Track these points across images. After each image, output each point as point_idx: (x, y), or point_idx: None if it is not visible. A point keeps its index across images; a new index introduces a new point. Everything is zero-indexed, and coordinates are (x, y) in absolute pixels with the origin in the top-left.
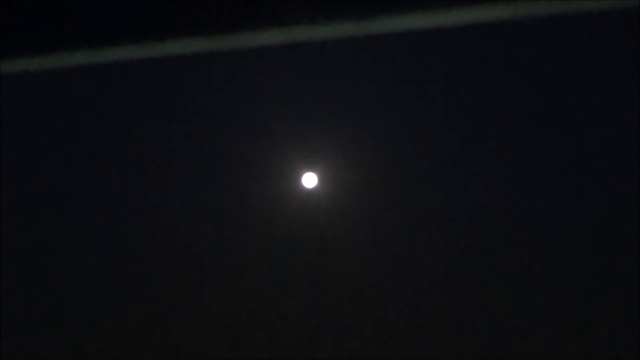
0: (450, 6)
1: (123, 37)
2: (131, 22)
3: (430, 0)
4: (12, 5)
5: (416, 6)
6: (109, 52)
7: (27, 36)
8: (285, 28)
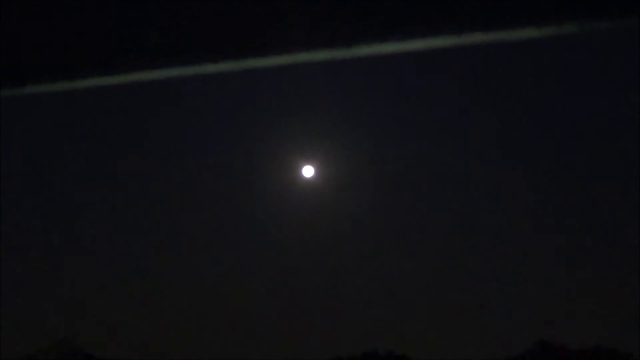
0: (415, 34)
1: (158, 60)
2: (162, 46)
3: (406, 30)
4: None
5: (394, 36)
6: (150, 73)
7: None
8: (289, 54)
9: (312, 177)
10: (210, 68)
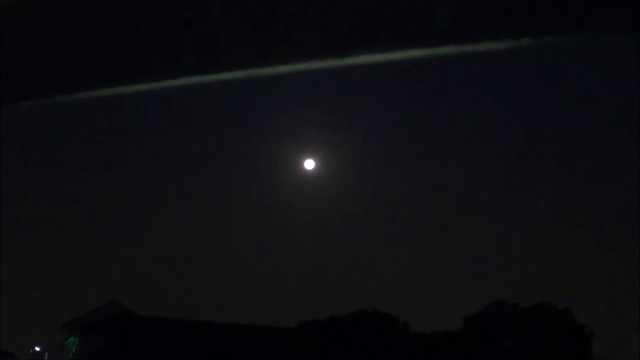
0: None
1: (187, 69)
2: (190, 56)
3: (390, 42)
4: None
5: (383, 45)
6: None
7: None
8: (297, 62)
9: (313, 169)
10: (225, 76)
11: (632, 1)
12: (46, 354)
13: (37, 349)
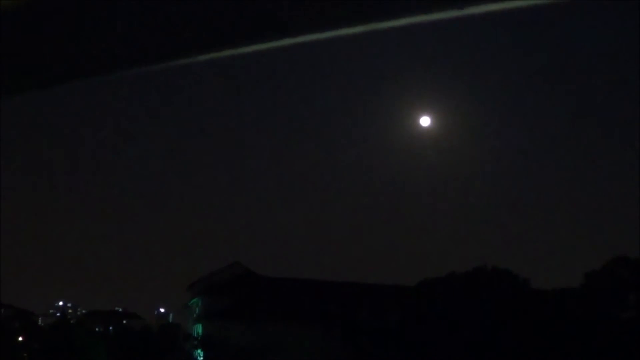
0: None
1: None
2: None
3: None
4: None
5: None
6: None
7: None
8: (413, 15)
9: (428, 126)
10: (341, 32)
11: None
12: (171, 314)
13: (162, 310)
